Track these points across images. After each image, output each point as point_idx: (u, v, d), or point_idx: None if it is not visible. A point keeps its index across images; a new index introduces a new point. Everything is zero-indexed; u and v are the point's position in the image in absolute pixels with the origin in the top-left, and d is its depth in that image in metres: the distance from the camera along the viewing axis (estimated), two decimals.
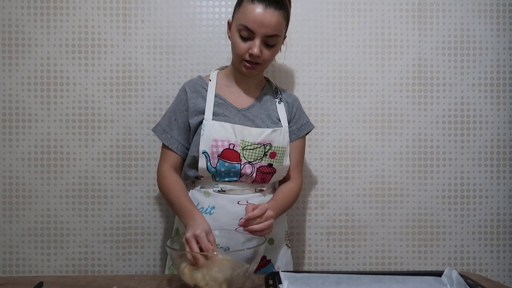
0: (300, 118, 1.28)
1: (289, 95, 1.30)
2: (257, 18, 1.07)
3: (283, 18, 1.11)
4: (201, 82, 1.22)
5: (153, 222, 1.51)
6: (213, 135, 1.11)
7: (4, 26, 1.47)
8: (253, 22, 1.07)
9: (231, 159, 1.12)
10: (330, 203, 1.54)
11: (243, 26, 1.09)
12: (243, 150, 1.12)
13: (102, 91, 1.49)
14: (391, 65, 1.54)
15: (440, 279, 0.85)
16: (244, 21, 1.08)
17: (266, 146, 1.14)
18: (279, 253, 1.21)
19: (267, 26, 1.08)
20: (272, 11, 1.07)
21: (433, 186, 1.55)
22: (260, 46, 1.10)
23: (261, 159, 1.14)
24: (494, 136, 1.55)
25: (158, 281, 0.97)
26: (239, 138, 1.12)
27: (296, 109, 1.27)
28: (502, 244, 1.56)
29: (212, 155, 1.11)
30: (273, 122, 1.20)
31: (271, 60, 1.16)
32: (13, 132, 1.48)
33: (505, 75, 1.55)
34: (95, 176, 1.50)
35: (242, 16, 1.10)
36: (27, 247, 1.49)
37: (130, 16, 1.49)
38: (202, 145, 1.11)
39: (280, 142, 1.17)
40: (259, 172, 1.15)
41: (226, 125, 1.13)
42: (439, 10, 1.54)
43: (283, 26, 1.13)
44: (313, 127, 1.31)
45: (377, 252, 1.54)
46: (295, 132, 1.25)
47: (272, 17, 1.07)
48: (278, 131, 1.17)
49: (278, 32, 1.11)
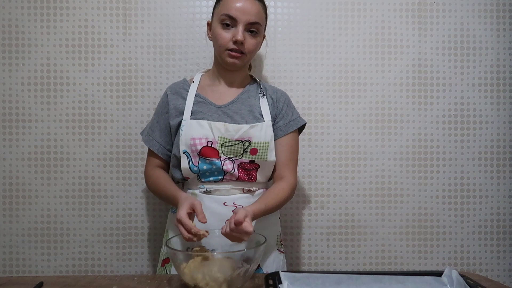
0: (288, 113, 1.23)
1: (274, 91, 1.26)
2: (239, 6, 1.12)
3: (262, 9, 1.17)
4: (183, 84, 1.24)
5: (153, 222, 1.51)
6: (191, 134, 1.12)
7: (4, 26, 1.47)
8: (235, 10, 1.11)
9: (211, 156, 1.12)
10: (330, 203, 1.54)
11: (226, 15, 1.12)
12: (221, 146, 1.12)
13: (102, 91, 1.49)
14: (391, 65, 1.54)
15: (440, 279, 0.85)
16: (226, 10, 1.12)
17: (245, 142, 1.13)
18: (269, 257, 1.17)
19: (249, 13, 1.12)
20: (253, 0, 1.14)
21: (433, 186, 1.55)
22: (244, 33, 1.12)
23: (241, 155, 1.13)
24: (494, 136, 1.55)
25: (158, 281, 0.97)
26: (217, 135, 1.12)
27: (282, 104, 1.23)
28: (502, 244, 1.56)
29: (192, 153, 1.12)
30: (254, 117, 1.17)
31: (254, 51, 1.18)
32: (13, 132, 1.48)
33: (505, 75, 1.55)
34: (95, 176, 1.50)
35: (223, 7, 1.14)
36: (27, 247, 1.49)
37: (130, 16, 1.49)
38: (182, 145, 1.12)
39: (262, 137, 1.14)
40: (241, 168, 1.14)
41: (203, 122, 1.13)
42: (439, 10, 1.54)
43: (263, 16, 1.18)
44: (303, 123, 1.25)
45: (377, 252, 1.54)
46: (282, 128, 1.20)
47: (253, 5, 1.13)
48: (257, 127, 1.14)
49: (260, 20, 1.15)
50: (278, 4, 1.52)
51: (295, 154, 1.23)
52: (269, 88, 1.26)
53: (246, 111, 1.18)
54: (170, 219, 1.24)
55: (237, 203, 1.12)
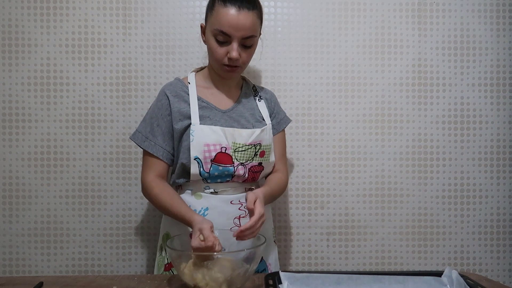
0: (279, 112, 1.30)
1: (266, 92, 1.31)
2: (232, 22, 1.05)
3: (257, 17, 1.10)
4: (181, 85, 1.19)
5: (153, 222, 1.51)
6: (204, 140, 1.09)
7: (4, 26, 1.47)
8: (228, 26, 1.05)
9: (225, 162, 1.11)
10: (330, 203, 1.54)
11: (219, 31, 1.07)
12: (234, 152, 1.11)
13: (102, 91, 1.49)
14: (391, 65, 1.54)
15: (440, 279, 0.85)
16: (219, 25, 1.06)
17: (257, 146, 1.15)
18: (269, 249, 1.22)
19: (243, 28, 1.06)
20: (246, 12, 1.06)
21: (433, 186, 1.55)
22: (238, 49, 1.09)
23: (252, 159, 1.14)
24: (494, 136, 1.55)
25: (158, 281, 0.97)
26: (230, 141, 1.11)
27: (274, 104, 1.29)
28: (502, 244, 1.56)
29: (204, 160, 1.09)
30: (257, 121, 1.20)
31: (249, 61, 1.17)
32: (13, 132, 1.48)
33: (505, 75, 1.55)
34: (95, 176, 1.50)
35: (215, 20, 1.08)
36: (27, 247, 1.49)
37: (130, 16, 1.49)
38: (194, 151, 1.08)
39: (268, 140, 1.19)
40: (251, 171, 1.16)
41: (215, 128, 1.11)
42: (439, 10, 1.54)
43: (258, 25, 1.12)
44: (290, 121, 1.33)
45: (377, 252, 1.54)
46: (275, 126, 1.26)
47: (247, 18, 1.06)
48: (265, 130, 1.18)
49: (254, 33, 1.10)
50: (278, 4, 1.52)
51: (285, 149, 1.32)
52: (258, 88, 1.30)
53: (248, 114, 1.21)
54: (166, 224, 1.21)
55: (242, 201, 1.14)
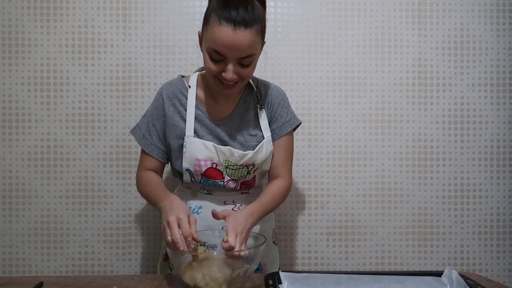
0: (282, 115, 1.16)
1: (268, 95, 1.17)
2: (227, 42, 0.93)
3: (256, 34, 0.97)
4: (181, 88, 1.13)
5: (153, 222, 1.51)
6: (196, 154, 1.07)
7: (4, 26, 1.47)
8: (223, 46, 0.94)
9: (214, 178, 1.10)
10: (330, 203, 1.54)
11: (213, 50, 0.96)
12: (226, 168, 1.10)
13: (102, 91, 1.49)
14: (391, 65, 1.54)
15: (440, 279, 0.85)
16: (213, 44, 0.95)
17: (249, 166, 1.11)
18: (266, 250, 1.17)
19: (239, 49, 0.95)
20: (243, 31, 0.93)
21: (433, 186, 1.55)
22: (234, 69, 0.97)
23: (244, 177, 1.13)
24: (494, 136, 1.55)
25: (158, 281, 0.97)
26: (222, 158, 1.09)
27: (276, 106, 1.15)
28: (502, 244, 1.55)
29: (195, 172, 1.10)
30: (251, 135, 1.12)
31: (251, 75, 1.05)
32: (13, 132, 1.48)
33: (505, 75, 1.55)
34: (95, 176, 1.50)
35: (210, 38, 0.96)
36: (27, 247, 1.49)
37: (130, 16, 1.49)
38: (185, 162, 1.09)
39: (262, 157, 1.11)
40: (243, 184, 1.15)
41: (208, 144, 1.07)
42: (439, 10, 1.54)
43: (257, 42, 0.99)
44: (298, 123, 1.18)
45: (377, 252, 1.54)
46: (276, 131, 1.15)
47: (244, 38, 0.94)
48: (260, 148, 1.10)
49: (253, 51, 0.98)
50: (278, 4, 1.52)
51: (290, 155, 1.19)
52: (263, 90, 1.17)
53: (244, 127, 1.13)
54: None
55: (236, 201, 1.14)
